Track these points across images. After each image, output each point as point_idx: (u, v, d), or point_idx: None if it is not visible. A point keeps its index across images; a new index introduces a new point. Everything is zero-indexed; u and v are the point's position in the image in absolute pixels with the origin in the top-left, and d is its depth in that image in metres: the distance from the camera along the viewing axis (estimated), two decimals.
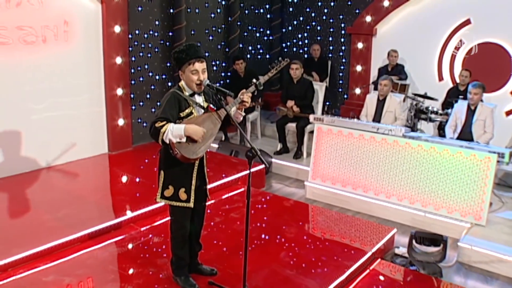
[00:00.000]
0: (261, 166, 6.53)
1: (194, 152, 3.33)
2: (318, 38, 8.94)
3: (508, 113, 7.14)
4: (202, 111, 3.48)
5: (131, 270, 4.04)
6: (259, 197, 5.72)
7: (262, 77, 3.71)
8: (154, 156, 3.49)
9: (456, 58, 7.45)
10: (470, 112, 5.78)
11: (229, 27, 8.38)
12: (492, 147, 5.13)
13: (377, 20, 7.94)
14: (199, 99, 3.50)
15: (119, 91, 6.71)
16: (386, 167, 5.51)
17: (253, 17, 9.06)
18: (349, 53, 8.45)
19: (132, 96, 7.08)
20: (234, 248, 4.45)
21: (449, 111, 6.24)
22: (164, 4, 7.30)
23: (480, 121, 5.71)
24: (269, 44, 9.42)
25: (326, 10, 8.79)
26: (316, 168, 6.11)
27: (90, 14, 6.24)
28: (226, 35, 8.42)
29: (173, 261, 3.77)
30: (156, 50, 7.33)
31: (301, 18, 9.13)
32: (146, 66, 7.24)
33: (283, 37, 9.42)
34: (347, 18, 8.53)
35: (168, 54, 7.52)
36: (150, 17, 7.15)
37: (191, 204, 3.56)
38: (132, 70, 7.04)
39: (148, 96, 7.38)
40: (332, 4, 8.69)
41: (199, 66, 3.39)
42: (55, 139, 6.08)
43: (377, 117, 6.31)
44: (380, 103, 6.33)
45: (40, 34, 5.72)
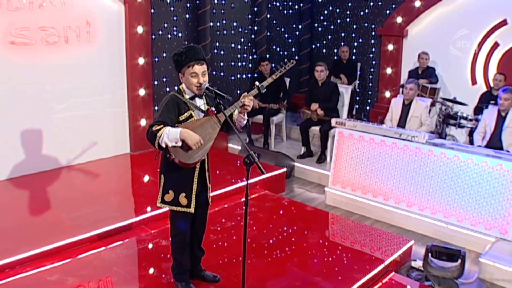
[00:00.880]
0: (281, 170, 6.42)
1: (191, 157, 3.24)
2: (348, 39, 8.70)
3: None
4: (202, 114, 3.39)
5: (135, 272, 4.01)
6: (276, 202, 5.59)
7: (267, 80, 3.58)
8: (156, 159, 3.42)
9: (491, 61, 7.06)
10: (500, 119, 5.44)
11: (256, 27, 8.27)
12: None
13: (408, 21, 7.65)
14: (200, 102, 3.42)
15: (142, 92, 6.73)
16: (408, 175, 5.26)
17: (281, 18, 8.92)
18: (379, 55, 8.18)
19: (155, 96, 7.09)
20: (241, 255, 4.34)
21: (479, 116, 5.91)
22: (189, 5, 7.27)
23: (511, 128, 5.36)
24: (298, 45, 9.25)
25: (356, 11, 8.54)
26: (337, 174, 5.92)
27: (112, 14, 6.28)
28: (253, 36, 8.32)
29: (173, 266, 3.71)
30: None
31: (331, 19, 8.91)
32: (169, 67, 7.23)
33: (312, 38, 9.24)
34: (378, 19, 8.26)
35: None
36: (175, 17, 7.14)
37: (192, 209, 3.48)
38: (155, 71, 7.05)
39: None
40: (363, 4, 8.43)
41: (199, 68, 3.30)
42: (76, 138, 6.15)
43: (402, 122, 6.05)
44: (406, 108, 6.07)
45: (62, 35, 5.80)
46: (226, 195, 5.64)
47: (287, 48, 9.15)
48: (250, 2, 8.16)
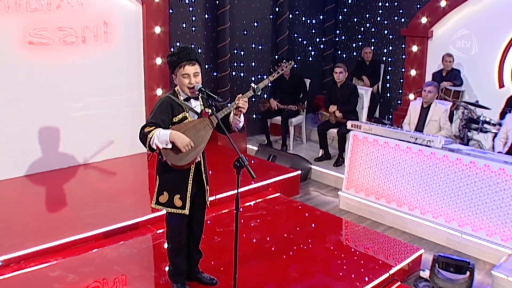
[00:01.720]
0: (296, 173, 6.32)
1: (181, 159, 3.20)
2: (372, 40, 8.50)
3: None
4: (196, 116, 3.35)
5: (134, 272, 4.01)
6: (286, 205, 5.50)
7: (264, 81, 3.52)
8: (148, 160, 3.41)
9: None
10: None
11: (277, 28, 8.19)
12: None
13: (433, 21, 7.39)
14: (195, 103, 3.39)
15: (159, 91, 6.77)
16: (422, 181, 5.07)
17: (304, 19, 8.79)
18: (403, 57, 7.94)
19: None
20: (243, 258, 4.28)
21: (503, 121, 5.65)
22: (207, 5, 7.27)
23: None
24: (321, 46, 9.10)
25: (380, 11, 8.33)
26: (351, 178, 5.78)
27: (130, 15, 6.35)
28: (274, 36, 8.24)
29: (170, 268, 3.70)
30: (199, 51, 7.33)
31: (355, 20, 8.73)
32: None
33: (336, 39, 9.07)
34: (402, 20, 8.02)
35: (211, 56, 7.50)
36: (193, 18, 7.15)
37: (186, 211, 3.45)
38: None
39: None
40: (387, 4, 8.21)
41: (190, 69, 3.27)
42: (93, 137, 6.24)
43: (420, 126, 5.84)
44: (424, 111, 5.85)
45: (80, 35, 5.89)
46: (234, 197, 5.58)
47: (309, 49, 9.01)
48: (271, 3, 8.08)
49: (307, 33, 8.89)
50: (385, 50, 8.35)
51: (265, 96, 7.94)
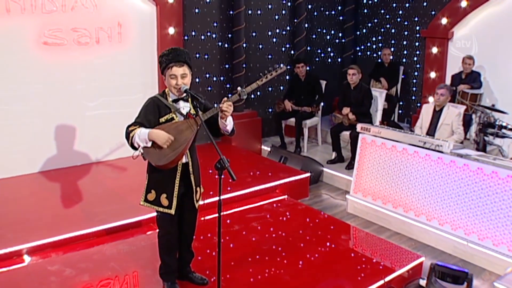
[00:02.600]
0: (305, 175, 6.27)
1: (161, 159, 3.24)
2: (392, 41, 8.33)
3: None
4: (183, 117, 3.38)
5: (129, 269, 4.08)
6: (291, 208, 5.46)
7: (253, 85, 3.50)
8: (133, 159, 3.46)
9: None
10: None
11: (294, 29, 8.14)
12: None
13: (454, 22, 7.17)
14: (183, 105, 3.41)
15: None
16: (429, 187, 4.93)
17: (323, 19, 8.71)
18: (423, 58, 7.76)
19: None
20: (239, 260, 4.29)
21: None
22: (223, 6, 7.30)
23: None
24: (340, 47, 8.99)
25: (400, 12, 8.15)
26: (359, 181, 5.69)
27: (144, 16, 6.45)
28: (292, 37, 8.20)
29: (161, 266, 3.74)
30: (214, 51, 7.38)
31: (375, 20, 8.58)
32: (202, 68, 7.31)
33: (356, 40, 8.94)
34: (422, 21, 7.83)
35: (227, 56, 7.52)
36: (208, 18, 7.20)
37: (172, 211, 3.48)
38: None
39: (204, 97, 7.42)
40: (407, 5, 8.03)
41: (178, 70, 3.30)
42: (107, 135, 6.35)
43: (432, 129, 5.68)
44: (436, 114, 5.69)
45: (94, 36, 6.03)
46: (241, 198, 5.60)
47: (328, 50, 8.92)
48: (288, 3, 8.04)
49: (326, 34, 8.80)
50: (405, 52, 8.16)
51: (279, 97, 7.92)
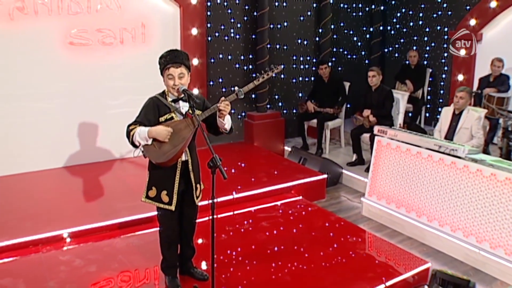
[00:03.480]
0: (322, 176, 6.25)
1: (160, 156, 3.34)
2: (420, 43, 8.16)
3: None
4: (182, 117, 3.47)
5: (135, 262, 4.21)
6: (303, 209, 5.46)
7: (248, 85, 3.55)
8: (134, 156, 3.58)
9: None
10: None
11: (320, 30, 8.12)
12: None
13: (483, 23, 6.95)
14: (183, 104, 3.50)
15: (195, 91, 6.98)
16: (441, 191, 4.82)
17: (350, 20, 8.63)
18: (451, 61, 7.56)
19: (210, 96, 7.32)
20: (243, 258, 4.35)
21: None
22: (247, 7, 7.38)
23: None
24: (368, 48, 8.88)
25: (429, 13, 7.96)
26: (373, 184, 5.62)
27: (167, 17, 6.61)
28: (317, 38, 8.18)
29: (162, 260, 3.84)
30: (237, 52, 7.46)
31: (403, 22, 8.42)
32: (226, 68, 7.41)
33: (385, 41, 8.80)
34: (451, 22, 7.62)
35: (250, 57, 7.59)
36: (232, 20, 7.29)
37: (173, 207, 3.58)
38: (211, 71, 7.26)
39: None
40: (436, 6, 7.84)
41: (175, 71, 3.41)
42: None
43: (450, 133, 5.53)
44: (455, 118, 5.54)
45: (118, 36, 6.25)
46: (255, 197, 5.65)
47: (355, 51, 8.83)
48: (313, 4, 8.02)
49: (352, 35, 8.72)
50: (433, 54, 7.98)
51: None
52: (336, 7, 8.36)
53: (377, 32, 8.68)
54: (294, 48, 8.04)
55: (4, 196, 5.32)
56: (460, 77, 7.35)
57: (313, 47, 8.22)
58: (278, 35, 7.81)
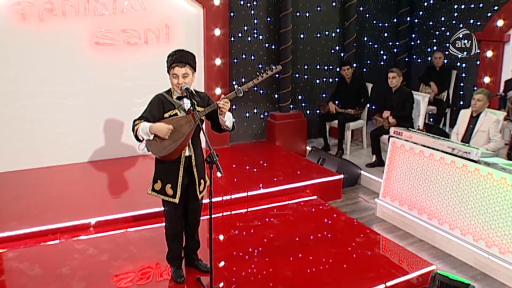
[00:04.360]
0: (338, 177, 6.27)
1: (161, 150, 3.51)
2: (447, 45, 8.02)
3: None
4: (185, 113, 3.61)
5: (145, 253, 4.39)
6: (315, 208, 5.52)
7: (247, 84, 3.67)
8: (139, 150, 3.76)
9: None
10: None
11: (344, 31, 8.11)
12: None
13: (510, 24, 6.76)
14: (186, 102, 3.65)
15: (218, 91, 7.14)
16: (452, 194, 4.76)
17: (375, 21, 8.57)
18: (477, 63, 7.40)
19: None
20: (248, 253, 4.46)
21: None
22: (270, 8, 7.46)
23: None
24: (394, 50, 8.79)
25: (455, 14, 7.82)
26: (388, 186, 5.60)
27: (191, 18, 6.79)
28: (341, 39, 8.18)
29: (168, 251, 4.00)
30: (260, 53, 7.56)
31: (430, 23, 8.29)
32: (249, 68, 7.52)
33: (411, 43, 8.69)
34: (478, 23, 7.46)
35: (274, 58, 7.68)
36: (255, 20, 7.40)
37: (176, 200, 3.73)
38: (234, 71, 7.40)
39: (250, 97, 7.65)
40: (463, 7, 7.69)
41: (180, 70, 3.57)
42: None
43: (467, 136, 5.44)
44: (473, 120, 5.45)
45: (142, 36, 6.48)
46: (270, 195, 5.74)
47: (381, 52, 8.76)
48: (338, 5, 8.03)
49: (378, 36, 8.67)
50: (459, 56, 7.82)
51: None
52: (361, 8, 8.33)
53: (403, 33, 8.58)
54: (318, 49, 8.06)
55: (30, 187, 5.65)
56: (486, 79, 7.19)
57: (337, 48, 8.22)
58: (302, 36, 7.87)
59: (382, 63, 8.76)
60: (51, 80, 6.09)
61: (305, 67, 8.05)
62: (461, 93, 7.88)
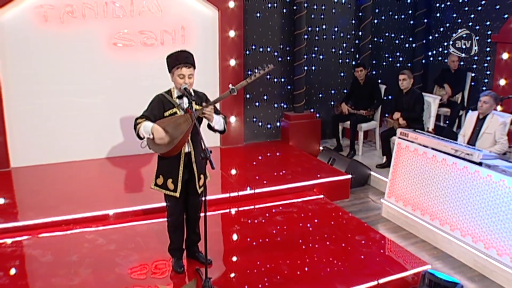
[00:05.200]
0: (346, 176, 6.35)
1: (160, 148, 3.74)
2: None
3: None
4: (184, 112, 3.80)
5: (150, 244, 4.61)
6: (320, 207, 5.62)
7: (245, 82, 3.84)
8: (142, 147, 3.96)
9: None
10: None
11: (360, 33, 8.17)
12: None
13: None
14: (185, 101, 3.84)
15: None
16: (454, 195, 4.80)
17: (391, 23, 8.58)
18: (493, 65, 7.33)
19: (248, 96, 7.63)
20: (248, 247, 4.62)
21: None
22: (285, 11, 7.60)
23: None
24: (410, 52, 8.77)
25: (472, 16, 7.76)
26: (393, 186, 5.66)
27: (206, 20, 7.00)
28: (357, 41, 8.24)
29: (169, 244, 4.20)
30: (275, 54, 7.71)
31: (447, 25, 8.25)
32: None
33: (429, 44, 8.66)
34: (494, 25, 7.39)
35: (288, 60, 7.80)
36: (269, 23, 7.55)
37: (177, 194, 3.92)
38: (249, 72, 7.56)
39: (265, 97, 7.81)
40: (479, 8, 7.63)
41: (186, 71, 3.77)
42: None
43: (473, 138, 5.45)
44: (479, 123, 5.45)
45: (159, 38, 6.72)
46: (277, 193, 5.88)
47: (397, 54, 8.77)
48: (353, 7, 8.10)
49: (394, 38, 8.68)
50: (475, 58, 7.77)
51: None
52: (376, 10, 8.36)
53: (420, 35, 8.56)
54: (333, 50, 8.15)
55: (49, 180, 5.97)
56: (502, 82, 7.12)
57: (352, 50, 8.29)
58: (317, 37, 7.97)
59: (398, 65, 8.76)
60: (71, 79, 6.40)
61: (320, 68, 8.14)
62: (476, 95, 7.80)
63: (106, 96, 6.63)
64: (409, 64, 8.76)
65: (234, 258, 4.41)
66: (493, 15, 7.42)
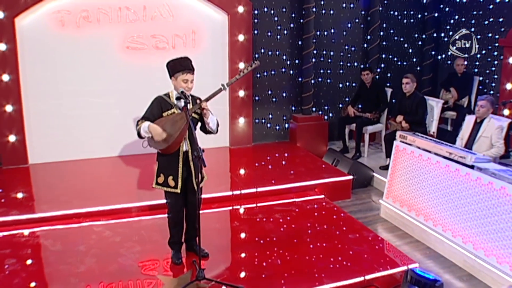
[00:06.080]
0: (347, 177, 6.52)
1: (160, 145, 4.02)
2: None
3: None
4: (180, 111, 4.09)
5: (153, 237, 4.89)
6: (319, 206, 5.81)
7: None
8: (144, 147, 4.25)
9: None
10: None
11: (368, 37, 8.31)
12: None
13: None
14: (183, 102, 4.10)
15: (241, 93, 7.57)
16: (446, 197, 4.93)
17: (401, 27, 8.68)
18: (500, 69, 7.38)
19: (256, 98, 7.86)
20: (244, 243, 4.85)
21: None
22: (293, 15, 7.80)
23: None
24: (420, 55, 8.85)
25: (481, 20, 7.82)
26: (391, 187, 5.82)
27: (216, 24, 7.26)
28: (365, 45, 8.38)
29: (169, 237, 4.47)
30: (283, 57, 7.92)
31: (456, 29, 8.32)
32: (273, 72, 7.90)
33: (438, 48, 8.73)
34: (502, 29, 7.43)
35: (296, 63, 8.00)
36: (278, 27, 7.77)
37: (178, 190, 4.20)
38: (258, 75, 7.80)
39: (274, 99, 8.03)
40: (487, 12, 7.67)
41: (190, 76, 4.15)
42: None
43: (470, 141, 5.56)
44: (476, 126, 5.56)
45: (170, 42, 7.01)
46: (278, 192, 6.09)
47: (406, 58, 8.87)
48: (362, 11, 8.24)
49: (403, 42, 8.78)
50: (483, 62, 7.82)
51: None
52: (386, 14, 8.49)
53: (430, 38, 8.65)
54: (341, 54, 8.32)
55: (64, 176, 6.33)
56: (509, 86, 7.16)
57: (360, 53, 8.44)
58: (325, 41, 8.15)
59: (407, 68, 8.85)
60: (86, 81, 6.76)
61: (328, 71, 8.32)
62: None
63: (119, 97, 6.95)
64: (418, 68, 8.85)
65: (230, 253, 4.65)
66: (500, 20, 7.46)
